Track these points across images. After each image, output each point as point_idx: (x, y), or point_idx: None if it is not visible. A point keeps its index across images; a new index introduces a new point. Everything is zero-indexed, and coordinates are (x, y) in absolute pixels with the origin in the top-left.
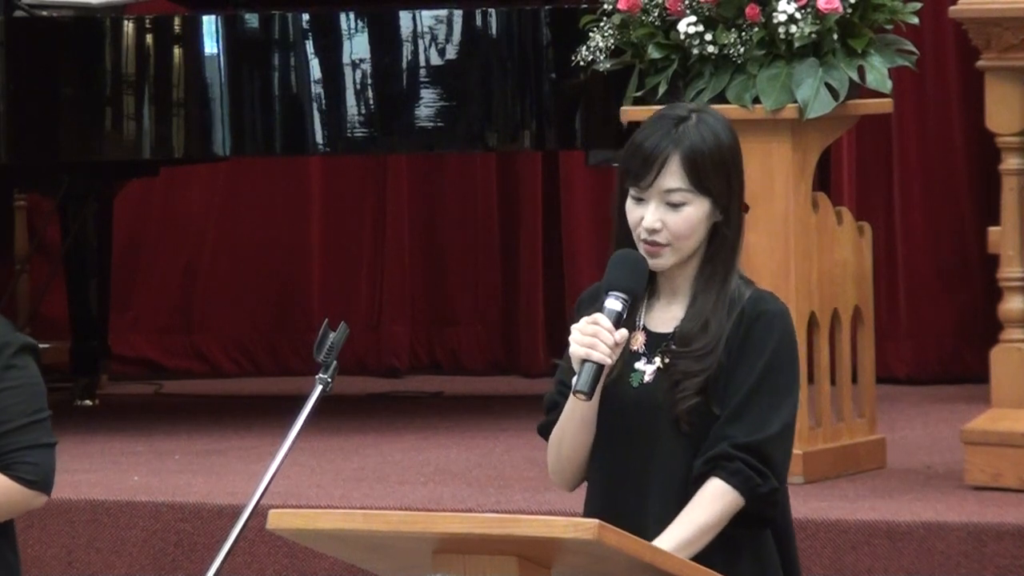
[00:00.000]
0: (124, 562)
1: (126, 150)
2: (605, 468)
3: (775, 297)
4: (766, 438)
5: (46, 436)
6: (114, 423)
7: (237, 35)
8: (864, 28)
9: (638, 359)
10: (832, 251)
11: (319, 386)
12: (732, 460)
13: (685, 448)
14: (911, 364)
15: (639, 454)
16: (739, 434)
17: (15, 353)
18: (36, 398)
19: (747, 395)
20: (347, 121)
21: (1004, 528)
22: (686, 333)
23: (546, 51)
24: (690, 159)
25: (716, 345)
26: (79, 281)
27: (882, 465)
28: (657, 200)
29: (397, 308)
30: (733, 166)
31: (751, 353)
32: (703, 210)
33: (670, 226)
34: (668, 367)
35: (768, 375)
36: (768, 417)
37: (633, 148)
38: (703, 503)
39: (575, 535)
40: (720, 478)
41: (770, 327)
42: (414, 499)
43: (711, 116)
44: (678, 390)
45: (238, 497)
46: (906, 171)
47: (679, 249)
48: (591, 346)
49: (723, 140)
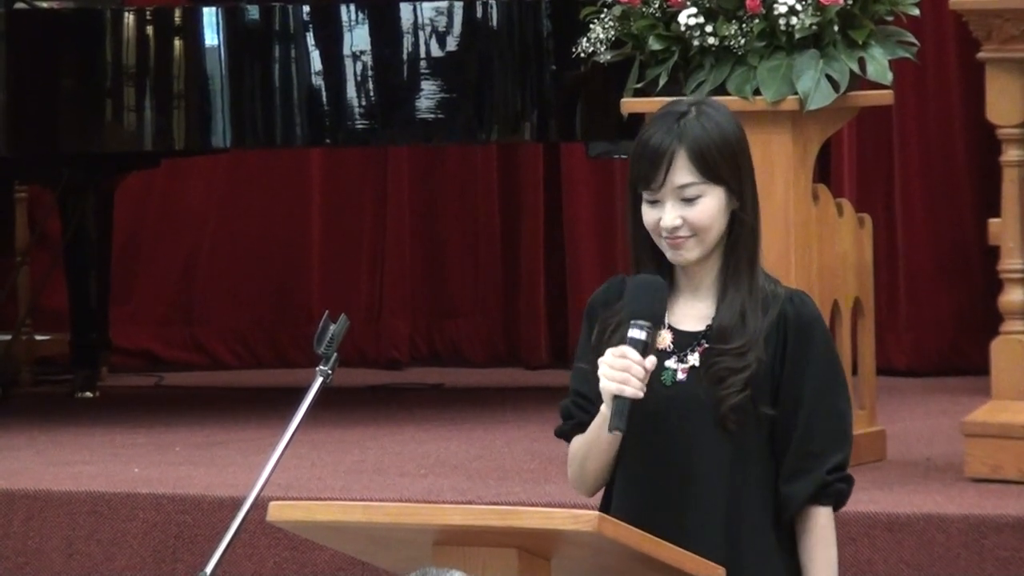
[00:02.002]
0: (125, 554)
1: (126, 142)
2: (636, 467)
3: (810, 298)
4: (849, 451)
5: None
6: (114, 415)
7: (238, 27)
8: (865, 19)
9: (668, 357)
10: (832, 243)
11: (319, 378)
12: (832, 485)
13: (725, 446)
14: (911, 356)
15: (676, 452)
16: (827, 454)
17: None
18: None
19: (816, 409)
20: (348, 113)
21: (1004, 520)
22: (724, 329)
23: (546, 43)
24: (696, 151)
25: (756, 342)
26: (79, 273)
27: (882, 457)
28: (672, 198)
29: (398, 300)
30: (740, 152)
31: (805, 363)
32: (719, 199)
33: (690, 220)
34: (707, 365)
35: (828, 385)
36: (844, 427)
37: (639, 151)
38: (826, 538)
39: (575, 527)
40: (826, 505)
41: (814, 331)
42: (414, 491)
43: (711, 107)
44: (723, 387)
45: (239, 489)
46: (906, 163)
47: (703, 241)
48: (624, 381)
49: (726, 128)
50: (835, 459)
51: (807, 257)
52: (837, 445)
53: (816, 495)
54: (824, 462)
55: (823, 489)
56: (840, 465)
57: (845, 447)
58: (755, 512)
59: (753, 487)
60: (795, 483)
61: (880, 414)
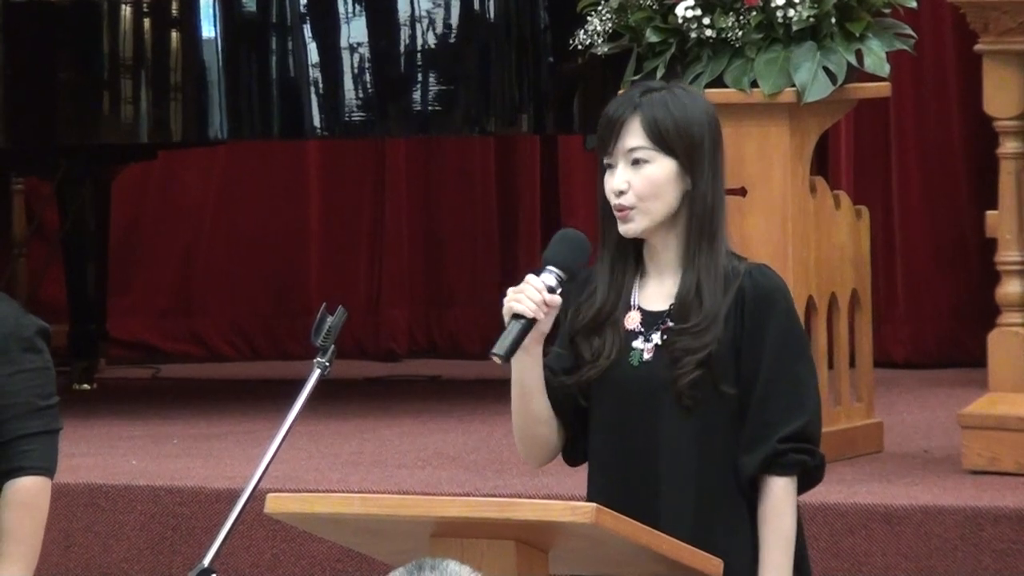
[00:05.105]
0: (122, 546)
1: (124, 134)
2: (609, 448)
3: (770, 270)
4: (808, 420)
5: (55, 422)
6: (112, 407)
7: (235, 18)
8: (862, 12)
9: (635, 338)
10: (830, 235)
11: (317, 370)
12: (785, 455)
13: (690, 424)
14: (909, 348)
15: (645, 431)
16: (781, 422)
17: (33, 335)
18: (50, 383)
19: (773, 378)
20: (345, 105)
21: (1001, 512)
22: (682, 308)
23: (544, 35)
24: (650, 119)
25: (713, 320)
26: (77, 265)
27: (880, 449)
28: (623, 162)
29: (395, 292)
30: (701, 134)
31: (762, 334)
32: (666, 170)
33: (635, 186)
34: (667, 343)
35: (786, 353)
36: (801, 395)
37: (601, 119)
38: (778, 508)
39: (573, 519)
40: (781, 475)
41: (773, 304)
42: (412, 483)
43: (684, 91)
44: (678, 366)
45: (236, 481)
46: (904, 155)
47: (647, 211)
48: (518, 301)
49: (690, 108)
50: (789, 428)
51: (804, 249)
52: (793, 414)
53: (768, 464)
54: (777, 431)
55: (776, 458)
56: (796, 434)
57: (803, 415)
58: (723, 487)
59: (721, 463)
60: (749, 452)
61: (877, 406)
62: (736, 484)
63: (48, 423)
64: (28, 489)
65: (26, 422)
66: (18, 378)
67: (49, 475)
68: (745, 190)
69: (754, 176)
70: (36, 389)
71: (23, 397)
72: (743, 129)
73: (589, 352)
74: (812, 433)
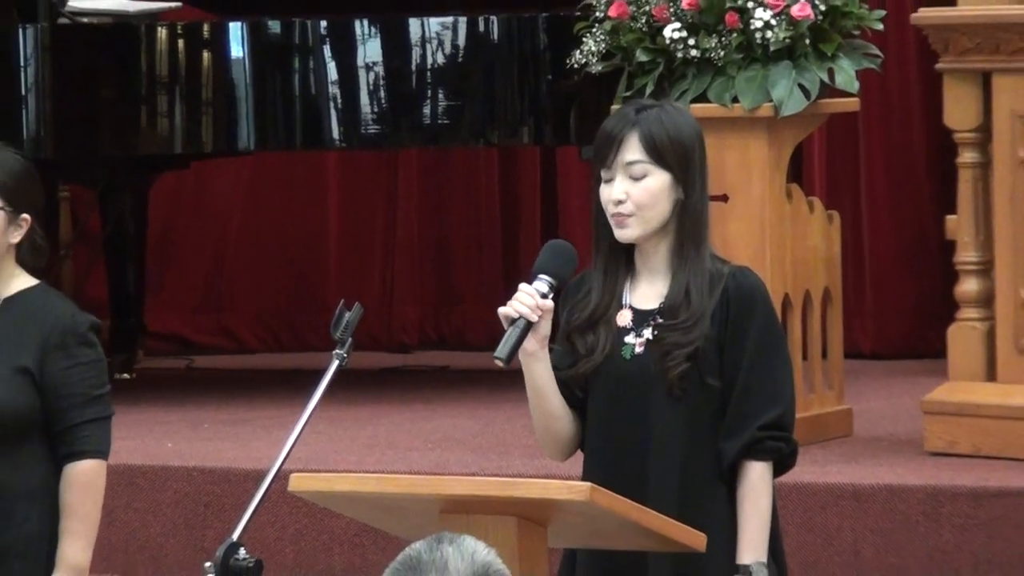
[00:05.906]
0: (159, 521)
1: (159, 145)
2: (603, 435)
3: (751, 272)
4: (784, 410)
5: (108, 409)
6: (149, 395)
7: (261, 40)
8: (834, 33)
9: (627, 334)
10: (804, 238)
11: (336, 361)
12: (762, 442)
13: (678, 413)
14: (876, 341)
15: (636, 420)
16: (759, 412)
17: (87, 331)
18: (103, 374)
19: (753, 371)
20: (361, 119)
21: (959, 490)
22: (672, 306)
23: (543, 55)
24: (648, 135)
25: (700, 318)
26: (118, 265)
27: (849, 433)
28: (621, 174)
29: (407, 290)
30: (691, 149)
31: (744, 331)
32: (663, 182)
33: (633, 196)
34: (658, 339)
35: (765, 349)
36: (778, 388)
37: (599, 135)
38: (756, 489)
39: (569, 496)
40: (759, 460)
41: (753, 302)
42: (422, 464)
43: (675, 109)
44: (669, 359)
45: (262, 462)
46: (871, 164)
47: (644, 219)
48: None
49: (682, 128)
50: (768, 416)
51: (781, 251)
52: (771, 404)
53: (747, 450)
54: (756, 419)
55: (755, 444)
56: (773, 423)
57: (779, 406)
58: (707, 473)
59: (706, 450)
60: (729, 439)
61: (847, 394)
62: (717, 469)
63: (102, 410)
64: (87, 471)
65: (83, 410)
66: (75, 371)
67: (104, 457)
68: (727, 197)
69: (735, 184)
70: (91, 380)
71: (80, 388)
72: (725, 141)
73: (584, 347)
74: (787, 422)
